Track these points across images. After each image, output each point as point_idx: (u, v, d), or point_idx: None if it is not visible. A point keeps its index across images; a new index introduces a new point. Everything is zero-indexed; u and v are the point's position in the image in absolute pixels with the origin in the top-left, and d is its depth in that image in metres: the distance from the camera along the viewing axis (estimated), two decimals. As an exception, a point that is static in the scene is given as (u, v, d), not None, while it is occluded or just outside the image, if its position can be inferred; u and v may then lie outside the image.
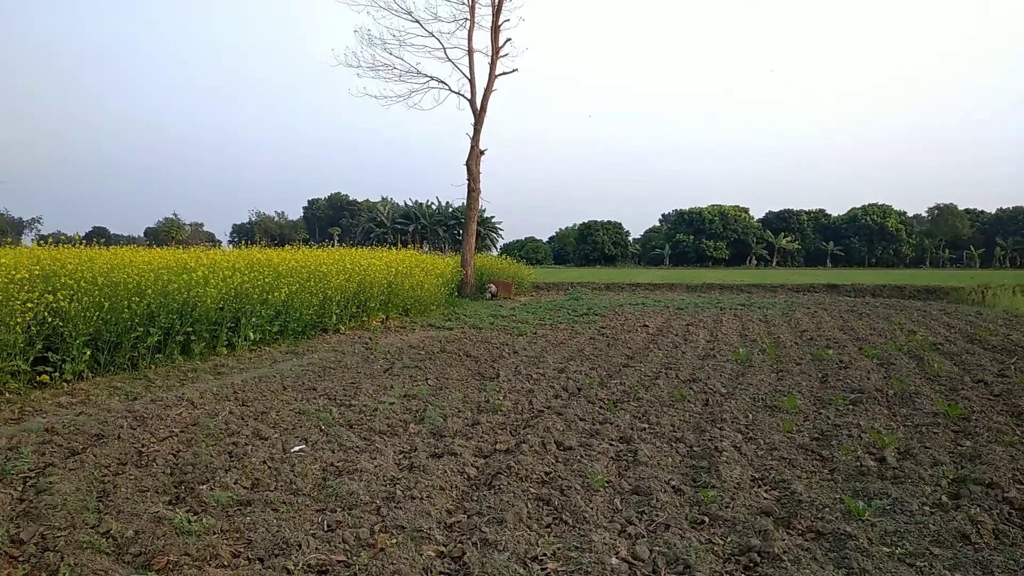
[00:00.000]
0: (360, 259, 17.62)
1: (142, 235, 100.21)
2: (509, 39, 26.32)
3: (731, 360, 11.48)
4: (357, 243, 23.21)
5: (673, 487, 5.32)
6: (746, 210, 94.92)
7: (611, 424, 7.15)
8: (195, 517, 4.45)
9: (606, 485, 5.32)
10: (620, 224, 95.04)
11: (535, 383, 9.40)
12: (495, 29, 26.07)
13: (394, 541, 4.14)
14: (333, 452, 5.99)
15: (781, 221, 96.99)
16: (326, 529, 4.38)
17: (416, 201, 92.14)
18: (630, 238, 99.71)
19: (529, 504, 4.87)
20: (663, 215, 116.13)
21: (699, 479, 5.53)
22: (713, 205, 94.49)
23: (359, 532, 4.25)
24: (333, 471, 5.54)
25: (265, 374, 9.86)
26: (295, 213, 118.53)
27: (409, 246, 25.99)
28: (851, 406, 8.06)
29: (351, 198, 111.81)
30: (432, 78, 26.54)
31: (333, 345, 13.30)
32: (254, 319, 12.32)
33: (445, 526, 4.54)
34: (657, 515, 4.67)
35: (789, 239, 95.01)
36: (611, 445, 6.45)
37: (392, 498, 4.92)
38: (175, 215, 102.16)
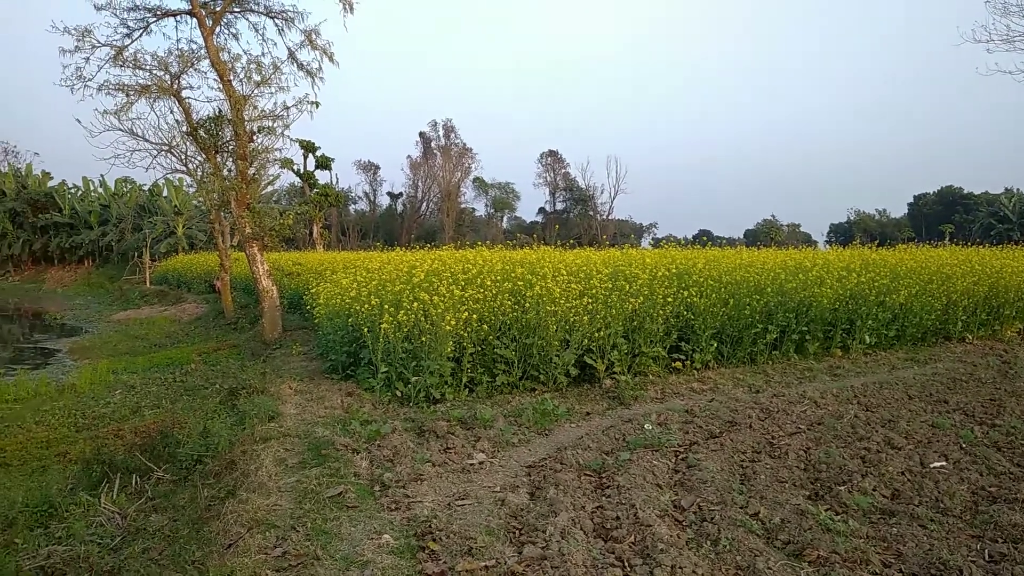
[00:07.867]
0: (991, 259, 15.31)
1: (741, 236, 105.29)
2: None
3: None
4: (973, 241, 20.05)
5: None
6: None
7: None
8: (837, 517, 4.45)
9: None
10: None
11: None
12: None
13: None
14: (981, 475, 5.31)
15: None
16: (987, 559, 3.89)
17: (1057, 189, 75.88)
18: None
19: None
20: None
21: None
22: None
23: (1033, 573, 3.65)
24: (985, 496, 4.91)
25: (885, 380, 9.35)
26: (898, 210, 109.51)
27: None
28: None
29: (966, 191, 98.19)
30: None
31: (959, 355, 11.86)
32: (870, 322, 11.80)
33: None
34: None
35: None
36: None
37: (1073, 543, 4.09)
38: (773, 217, 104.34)
